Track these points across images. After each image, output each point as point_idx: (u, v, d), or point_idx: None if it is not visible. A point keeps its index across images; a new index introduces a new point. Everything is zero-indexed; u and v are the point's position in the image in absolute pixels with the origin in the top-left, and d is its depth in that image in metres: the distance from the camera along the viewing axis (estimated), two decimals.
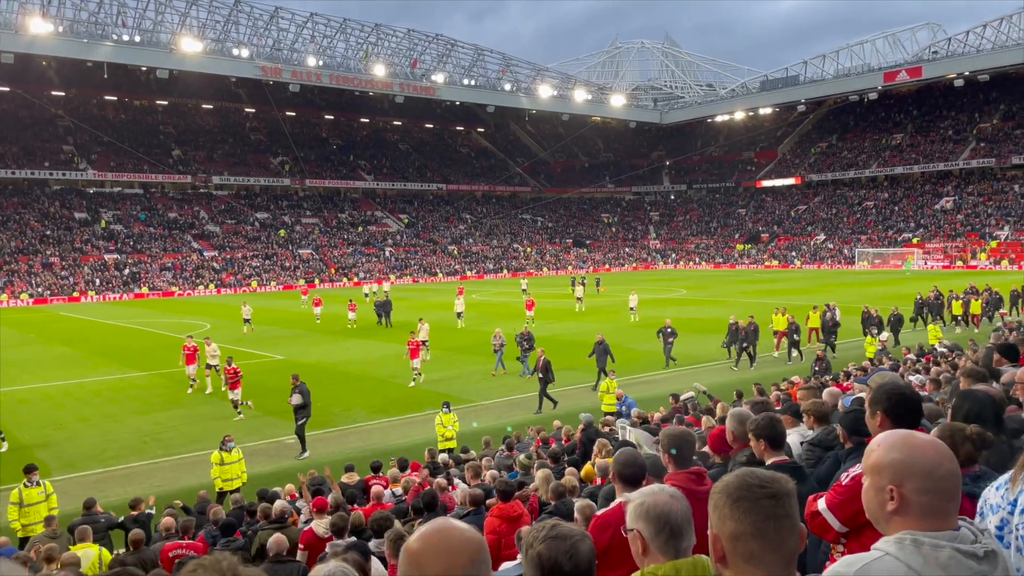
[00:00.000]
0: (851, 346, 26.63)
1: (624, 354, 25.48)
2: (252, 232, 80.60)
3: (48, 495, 11.92)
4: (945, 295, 32.54)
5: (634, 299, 36.66)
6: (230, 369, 19.81)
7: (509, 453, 14.08)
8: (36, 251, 66.85)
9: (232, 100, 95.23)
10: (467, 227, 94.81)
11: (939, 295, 32.20)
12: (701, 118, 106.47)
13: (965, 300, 31.83)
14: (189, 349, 23.18)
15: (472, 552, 1.61)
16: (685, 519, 2.65)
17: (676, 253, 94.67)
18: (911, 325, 30.29)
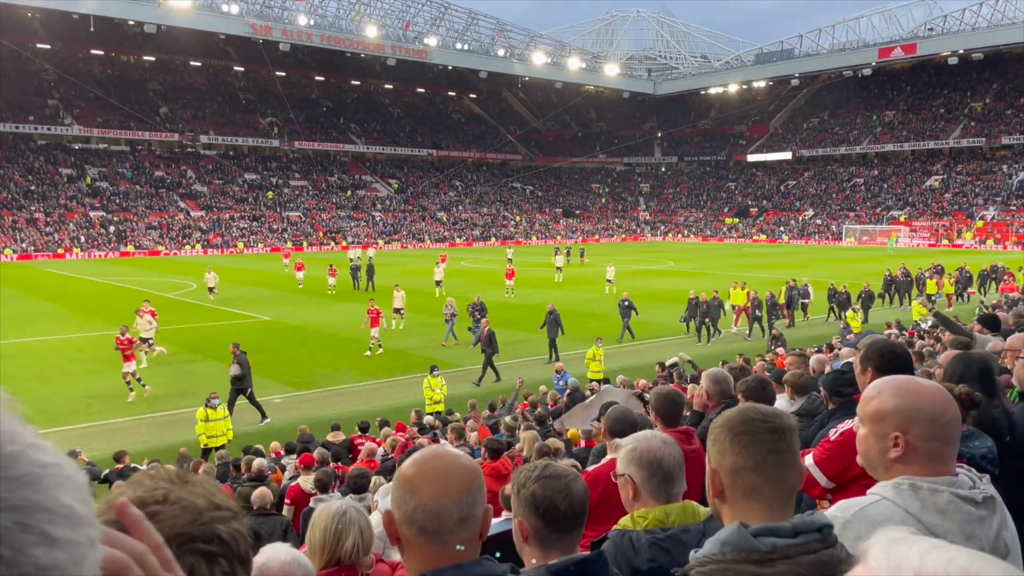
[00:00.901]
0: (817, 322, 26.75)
1: (606, 324, 25.60)
2: (240, 193, 79.83)
3: None
4: (914, 273, 32.58)
5: (611, 271, 36.50)
6: (123, 340, 18.05)
7: (491, 414, 14.15)
8: (20, 206, 66.00)
9: (221, 58, 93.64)
10: (457, 194, 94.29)
11: (907, 273, 32.24)
12: (695, 90, 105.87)
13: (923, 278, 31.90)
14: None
15: (468, 478, 1.58)
16: (677, 465, 2.65)
17: (665, 225, 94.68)
18: (879, 302, 30.29)
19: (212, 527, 0.97)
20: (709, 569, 1.55)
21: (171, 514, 0.95)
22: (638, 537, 2.46)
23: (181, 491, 0.99)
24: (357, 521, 3.39)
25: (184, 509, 0.97)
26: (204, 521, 0.97)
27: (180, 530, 0.94)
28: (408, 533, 1.54)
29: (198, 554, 0.94)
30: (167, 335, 24.77)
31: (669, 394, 4.70)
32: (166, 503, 0.96)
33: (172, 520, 0.95)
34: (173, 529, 0.93)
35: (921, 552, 0.72)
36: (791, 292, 26.90)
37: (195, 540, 0.95)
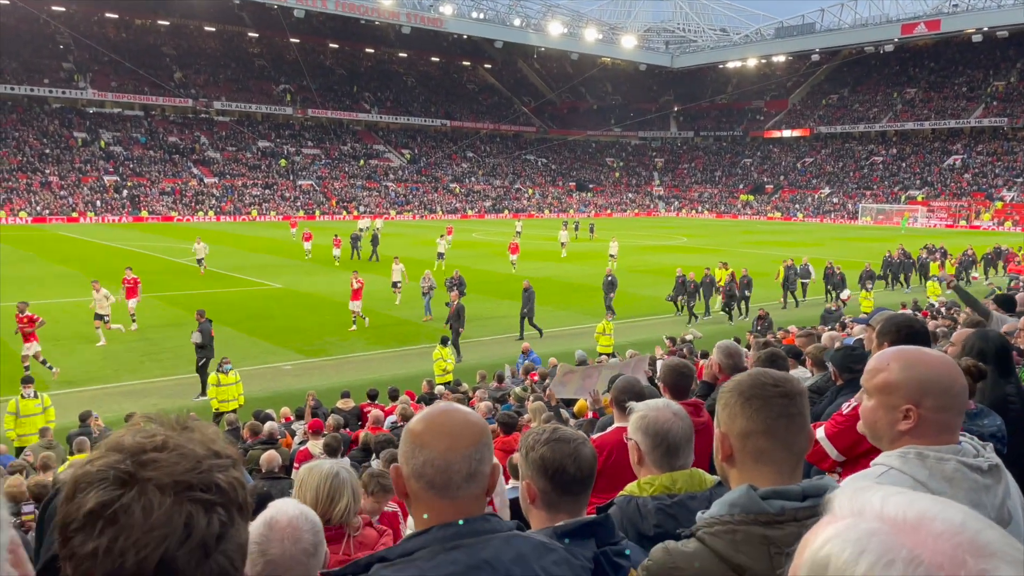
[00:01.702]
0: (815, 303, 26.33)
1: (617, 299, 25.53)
2: (253, 160, 79.79)
3: (46, 407, 12.03)
4: (915, 255, 32.06)
5: (614, 246, 36.02)
6: (23, 317, 16.34)
7: (499, 386, 14.19)
8: (35, 169, 66.25)
9: (235, 23, 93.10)
10: (470, 165, 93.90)
11: (907, 254, 31.75)
12: (712, 63, 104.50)
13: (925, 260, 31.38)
14: (129, 282, 21.53)
15: (475, 434, 1.57)
16: (684, 438, 2.64)
17: (679, 201, 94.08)
18: (881, 284, 29.74)
19: (211, 475, 0.95)
20: (716, 530, 1.55)
21: (169, 461, 0.94)
22: (644, 503, 2.47)
23: (180, 438, 0.98)
24: (349, 482, 3.40)
25: (182, 456, 0.95)
26: (203, 469, 0.95)
27: (178, 478, 0.93)
28: (416, 487, 1.55)
29: (196, 502, 0.93)
30: (180, 300, 24.97)
31: (678, 366, 4.69)
32: (164, 450, 0.95)
33: (170, 467, 0.93)
34: (171, 477, 0.93)
35: (883, 497, 0.75)
36: (788, 272, 26.41)
37: (192, 488, 0.93)
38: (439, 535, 1.48)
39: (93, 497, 0.90)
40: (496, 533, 1.52)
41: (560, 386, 11.34)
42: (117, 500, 0.90)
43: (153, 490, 0.91)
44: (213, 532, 0.92)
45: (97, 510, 0.89)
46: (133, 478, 0.92)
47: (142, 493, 0.90)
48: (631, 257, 39.49)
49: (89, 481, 0.92)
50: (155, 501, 0.90)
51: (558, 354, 17.12)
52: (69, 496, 0.93)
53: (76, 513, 0.91)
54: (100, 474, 0.92)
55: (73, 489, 0.93)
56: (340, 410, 12.22)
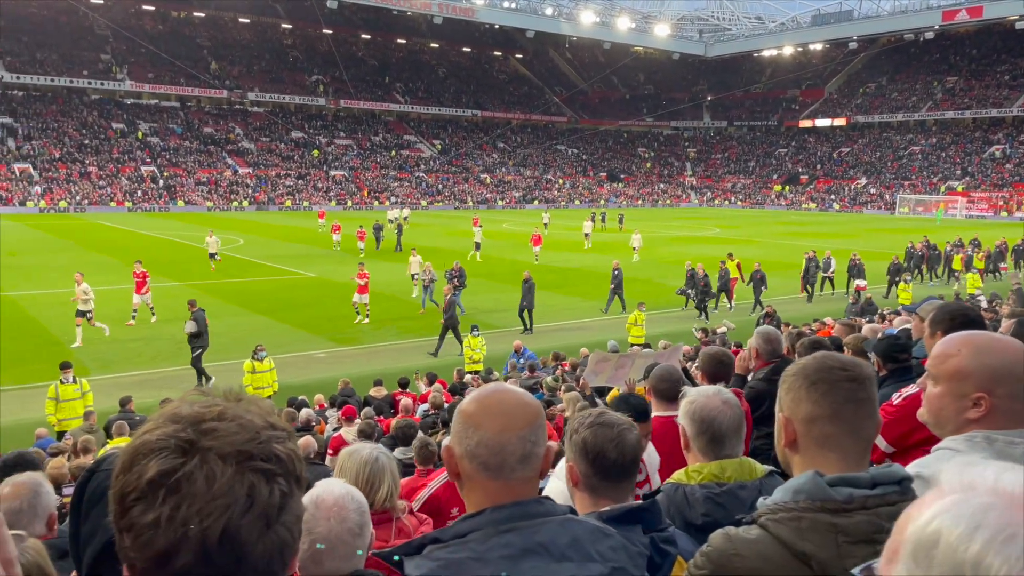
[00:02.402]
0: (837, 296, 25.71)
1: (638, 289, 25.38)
2: (286, 151, 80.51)
3: (84, 392, 12.25)
4: (942, 247, 31.20)
5: (637, 238, 35.32)
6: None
7: (531, 375, 14.16)
8: (75, 160, 67.50)
9: (270, 15, 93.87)
10: (500, 156, 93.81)
11: (932, 246, 30.87)
12: (747, 52, 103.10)
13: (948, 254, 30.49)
14: (139, 276, 20.80)
15: (530, 415, 1.53)
16: (732, 427, 2.57)
17: (712, 191, 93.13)
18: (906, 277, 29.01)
19: (270, 446, 0.94)
20: (780, 517, 1.49)
21: (229, 431, 0.93)
22: (692, 491, 2.41)
23: (238, 408, 0.97)
24: (388, 467, 3.39)
25: (242, 427, 0.94)
26: (262, 440, 0.94)
27: (239, 447, 0.92)
28: (469, 468, 1.51)
29: (257, 472, 0.91)
30: (214, 288, 25.27)
31: (717, 354, 4.62)
32: (223, 419, 0.94)
33: (231, 437, 0.92)
34: (232, 446, 0.91)
35: (997, 471, 0.71)
36: (809, 264, 25.66)
37: (254, 458, 0.92)
38: (493, 517, 1.44)
39: (154, 465, 0.89)
40: (551, 516, 1.47)
41: (592, 375, 11.25)
42: (180, 468, 0.88)
43: (215, 459, 0.89)
44: (275, 503, 0.91)
45: (158, 479, 0.88)
46: (194, 447, 0.90)
47: (204, 462, 0.89)
48: (662, 248, 39.20)
49: (149, 450, 0.90)
50: (217, 470, 0.89)
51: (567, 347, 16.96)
52: (127, 466, 0.91)
53: (136, 482, 0.89)
54: (161, 443, 0.90)
55: (131, 459, 0.91)
56: (373, 398, 12.29)
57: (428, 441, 6.21)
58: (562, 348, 16.73)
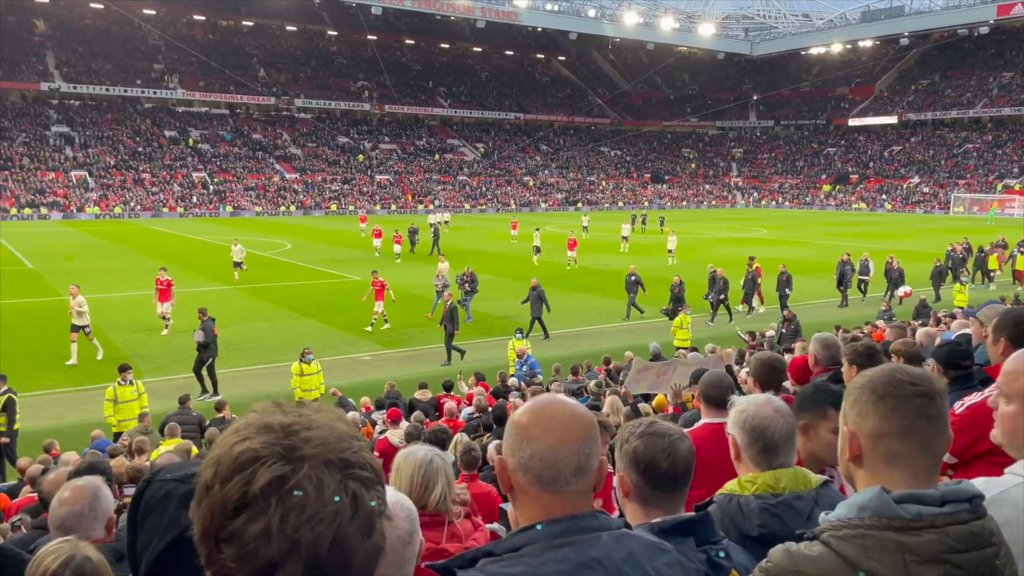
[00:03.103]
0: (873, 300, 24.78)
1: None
2: (332, 156, 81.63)
3: (140, 394, 12.55)
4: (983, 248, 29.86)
5: (672, 241, 34.47)
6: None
7: (575, 379, 14.09)
8: (129, 167, 69.38)
9: (316, 22, 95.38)
10: (543, 158, 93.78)
11: (969, 248, 29.68)
12: (794, 50, 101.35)
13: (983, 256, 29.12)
14: (163, 284, 20.35)
15: (584, 427, 1.50)
16: (784, 436, 2.51)
17: (758, 192, 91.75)
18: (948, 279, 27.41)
19: (363, 454, 0.94)
20: (844, 533, 1.44)
21: (327, 439, 0.91)
22: (747, 502, 2.36)
23: (322, 418, 0.96)
24: (443, 469, 3.40)
25: (337, 436, 0.93)
26: (355, 448, 0.93)
27: (340, 456, 0.91)
28: (523, 481, 1.49)
29: (357, 480, 0.91)
30: (263, 292, 25.72)
31: (770, 359, 4.53)
32: (314, 429, 0.92)
33: (330, 445, 0.91)
34: (333, 454, 0.90)
35: None
36: (842, 267, 24.58)
37: (353, 466, 0.91)
38: (547, 531, 1.42)
39: (264, 474, 0.87)
40: (606, 531, 1.45)
41: (634, 383, 11.17)
42: (291, 476, 0.87)
43: (320, 466, 0.88)
44: (374, 510, 0.91)
45: (268, 488, 0.86)
46: (296, 455, 0.89)
47: (312, 469, 0.88)
48: (707, 250, 38.75)
49: (254, 458, 0.88)
50: (325, 478, 0.88)
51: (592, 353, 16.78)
52: (226, 476, 0.88)
53: (243, 491, 0.87)
54: (265, 450, 0.89)
55: (232, 468, 0.88)
56: (418, 401, 12.36)
57: (472, 446, 6.21)
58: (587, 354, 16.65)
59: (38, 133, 70.11)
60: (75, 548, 2.14)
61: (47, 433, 11.69)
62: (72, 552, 2.10)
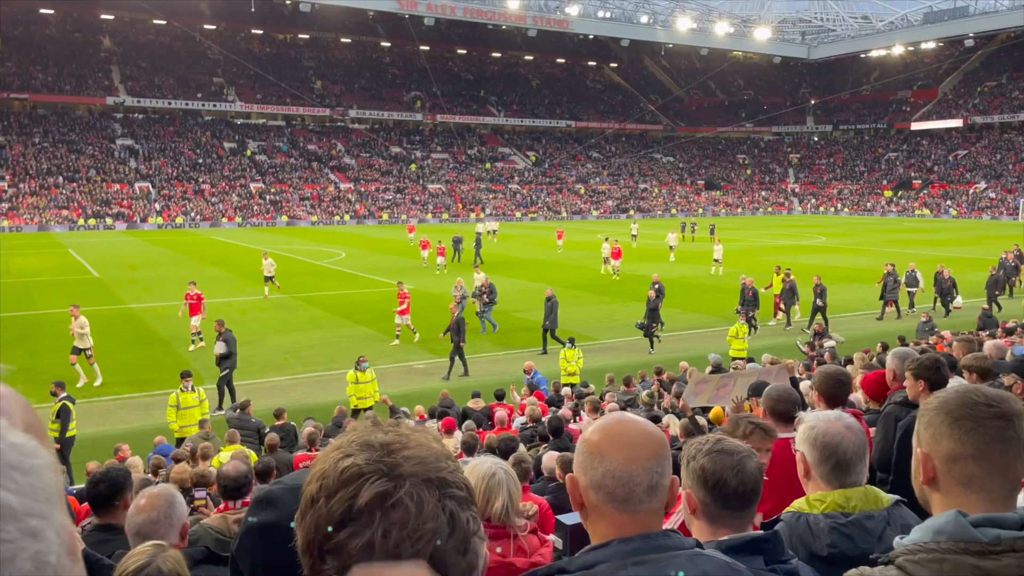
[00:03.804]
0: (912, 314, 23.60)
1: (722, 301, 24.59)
2: (385, 166, 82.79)
3: (201, 400, 12.90)
4: None
5: (719, 250, 33.41)
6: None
7: (627, 389, 13.98)
8: (190, 178, 71.48)
9: (369, 34, 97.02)
10: (595, 166, 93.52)
11: (1021, 256, 27.98)
12: (853, 53, 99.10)
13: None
14: (192, 298, 20.03)
15: (656, 446, 1.50)
16: (856, 453, 2.46)
17: (816, 198, 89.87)
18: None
19: (457, 474, 0.96)
20: (920, 558, 1.41)
21: (425, 458, 0.94)
22: (816, 520, 2.32)
23: (418, 437, 0.97)
24: (506, 483, 3.41)
25: (434, 455, 0.95)
26: (451, 468, 0.95)
27: (437, 475, 0.93)
28: (595, 499, 1.49)
29: (454, 499, 0.93)
30: (319, 300, 26.17)
31: (834, 373, 4.43)
32: (410, 448, 0.95)
33: (426, 465, 0.93)
34: (431, 473, 0.92)
35: None
36: (887, 278, 23.44)
37: (450, 486, 0.93)
38: (620, 549, 1.42)
39: (369, 490, 0.90)
40: (680, 550, 1.44)
41: (693, 396, 11.03)
42: (394, 493, 0.90)
43: (420, 484, 0.91)
44: (470, 529, 0.93)
45: (372, 503, 0.89)
46: (397, 472, 0.91)
47: (413, 487, 0.90)
48: (763, 257, 38.11)
49: (358, 475, 0.91)
50: (424, 496, 0.90)
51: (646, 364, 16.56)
52: (332, 491, 0.91)
53: (347, 505, 0.90)
54: (369, 467, 0.92)
55: (338, 484, 0.92)
56: (471, 410, 12.42)
57: (523, 458, 6.20)
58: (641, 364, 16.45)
59: (104, 146, 72.76)
60: (154, 553, 2.22)
61: (115, 437, 12.10)
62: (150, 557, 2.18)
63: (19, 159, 66.90)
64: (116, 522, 3.65)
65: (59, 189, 64.68)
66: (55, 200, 63.18)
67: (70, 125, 73.89)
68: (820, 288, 21.72)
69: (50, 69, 76.64)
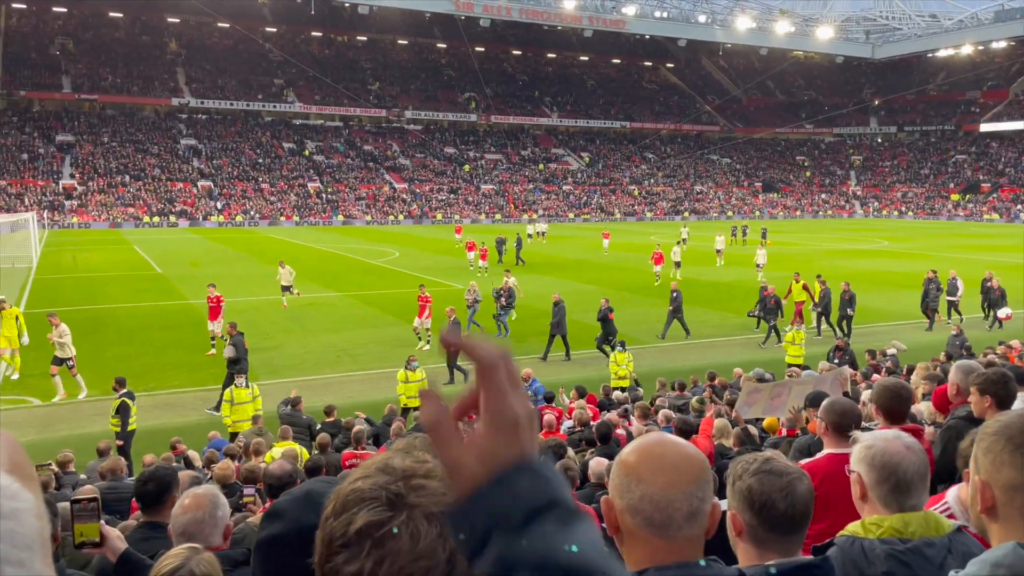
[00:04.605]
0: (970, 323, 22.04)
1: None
2: (439, 166, 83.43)
3: (255, 396, 13.12)
4: None
5: (761, 254, 32.23)
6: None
7: (680, 394, 13.76)
8: (250, 177, 73.15)
9: (426, 35, 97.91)
10: (649, 167, 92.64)
11: None
12: (920, 52, 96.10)
13: None
14: (212, 301, 19.42)
15: (697, 470, 1.42)
16: (918, 474, 2.33)
17: (879, 201, 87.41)
18: None
19: None
20: None
21: (437, 491, 0.90)
22: (872, 546, 2.19)
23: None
24: None
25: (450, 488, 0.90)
26: None
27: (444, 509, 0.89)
28: (632, 524, 1.42)
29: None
30: (374, 299, 26.46)
31: (895, 387, 4.25)
32: (431, 477, 0.91)
33: (438, 497, 0.90)
34: (438, 507, 0.89)
35: None
36: (928, 286, 22.25)
37: None
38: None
39: (363, 516, 0.88)
40: None
41: (746, 407, 10.78)
42: (387, 522, 0.88)
43: (420, 517, 0.88)
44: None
45: (365, 530, 0.87)
46: (402, 501, 0.89)
47: (410, 519, 0.88)
48: (824, 261, 37.19)
49: (360, 499, 0.90)
50: (422, 529, 0.87)
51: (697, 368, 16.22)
52: (337, 511, 0.91)
53: (344, 530, 0.89)
54: (372, 493, 0.90)
55: (342, 505, 0.91)
56: None
57: (568, 465, 6.12)
58: (693, 369, 16.16)
59: (169, 146, 74.97)
60: (188, 556, 2.22)
61: (171, 431, 12.41)
62: (183, 560, 2.18)
63: (88, 158, 69.39)
64: (162, 520, 3.71)
65: (126, 187, 66.88)
66: (122, 198, 65.34)
67: (137, 125, 76.36)
68: (849, 295, 20.58)
69: (119, 71, 79.34)
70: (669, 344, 20.56)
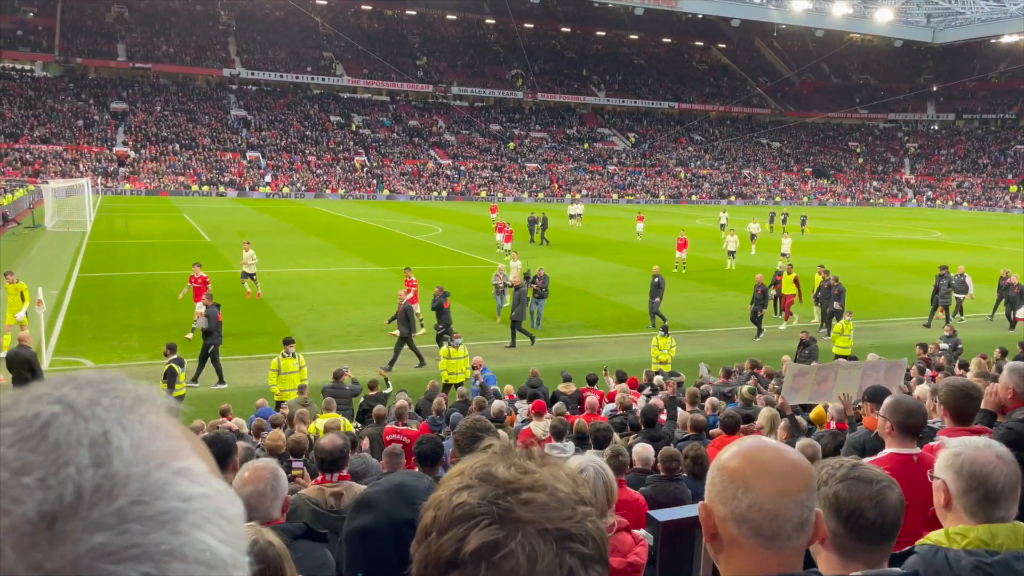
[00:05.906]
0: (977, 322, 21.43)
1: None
2: (484, 143, 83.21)
3: (301, 367, 13.30)
4: None
5: (787, 243, 31.13)
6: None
7: (726, 380, 13.59)
8: (297, 150, 73.83)
9: (475, 11, 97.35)
10: (696, 149, 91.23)
11: None
12: (983, 38, 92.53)
13: None
14: (197, 281, 18.25)
15: (806, 477, 1.35)
16: (1008, 485, 2.22)
17: (933, 191, 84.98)
18: None
19: (585, 524, 0.85)
20: None
21: (547, 504, 0.85)
22: (956, 557, 2.10)
23: (549, 476, 0.88)
24: (593, 481, 3.31)
25: (559, 500, 0.86)
26: (578, 517, 0.85)
27: (558, 524, 0.83)
28: (736, 532, 1.35)
29: (575, 555, 0.83)
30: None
31: (964, 387, 4.10)
32: (536, 489, 0.86)
33: (548, 512, 0.84)
34: (552, 523, 0.83)
35: None
36: (939, 282, 21.43)
37: (572, 539, 0.83)
38: None
39: (477, 536, 0.83)
40: None
41: (792, 392, 10.56)
42: (504, 544, 0.82)
43: (535, 536, 0.82)
44: None
45: (481, 552, 0.82)
46: (512, 517, 0.83)
47: (526, 537, 0.82)
48: (873, 251, 36.40)
49: (469, 515, 0.84)
50: (539, 549, 0.81)
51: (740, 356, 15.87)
52: (442, 527, 0.86)
53: (454, 547, 0.84)
54: (481, 508, 0.85)
55: (448, 520, 0.86)
56: (561, 393, 12.34)
57: (620, 451, 6.07)
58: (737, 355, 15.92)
59: (219, 116, 75.96)
60: (257, 533, 2.22)
61: (219, 397, 12.65)
62: (255, 537, 2.18)
63: (141, 126, 70.68)
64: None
65: (177, 156, 68.02)
66: (173, 166, 66.51)
67: (189, 95, 77.47)
68: (838, 289, 19.71)
69: (172, 40, 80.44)
70: (714, 330, 20.31)
